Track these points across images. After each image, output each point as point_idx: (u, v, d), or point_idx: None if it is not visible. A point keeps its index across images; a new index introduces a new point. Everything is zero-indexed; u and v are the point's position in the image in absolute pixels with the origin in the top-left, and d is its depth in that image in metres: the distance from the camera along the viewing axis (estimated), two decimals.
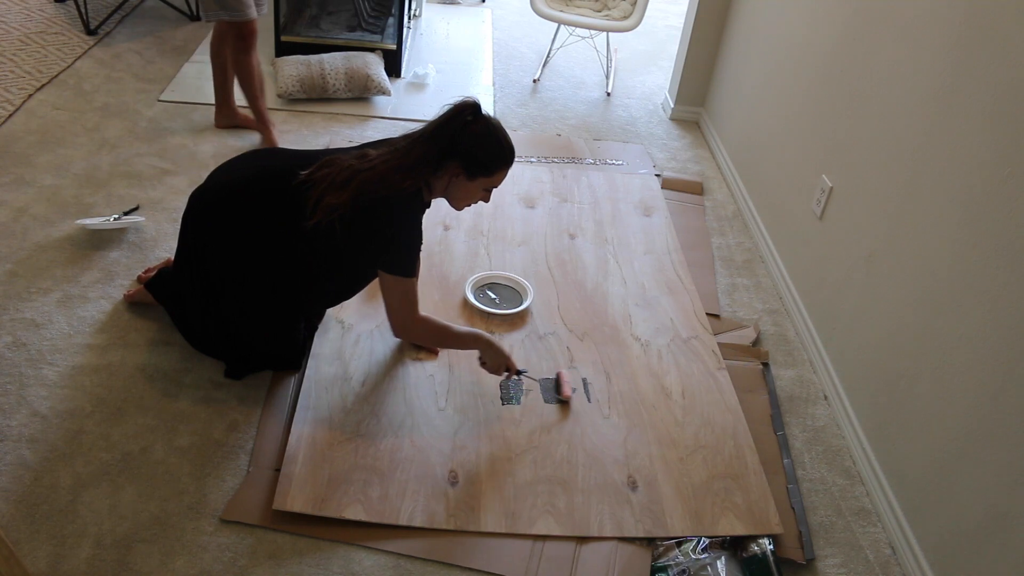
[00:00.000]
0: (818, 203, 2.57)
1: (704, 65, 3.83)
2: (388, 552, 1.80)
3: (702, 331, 2.53)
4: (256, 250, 1.98)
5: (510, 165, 1.98)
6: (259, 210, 1.96)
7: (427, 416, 2.12)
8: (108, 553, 1.72)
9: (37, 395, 2.06)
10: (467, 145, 1.90)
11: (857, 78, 2.42)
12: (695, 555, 1.85)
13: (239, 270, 2.01)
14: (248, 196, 1.98)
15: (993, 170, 1.76)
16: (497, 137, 1.93)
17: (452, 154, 1.90)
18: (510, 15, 5.06)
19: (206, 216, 2.02)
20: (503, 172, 1.97)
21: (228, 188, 2.01)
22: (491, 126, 1.93)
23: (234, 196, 1.99)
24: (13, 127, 3.18)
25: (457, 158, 1.90)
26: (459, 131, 1.89)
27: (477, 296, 2.54)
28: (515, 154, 1.97)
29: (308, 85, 3.59)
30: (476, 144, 1.91)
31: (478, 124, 1.90)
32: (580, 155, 3.50)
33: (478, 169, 1.93)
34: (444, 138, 1.89)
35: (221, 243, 1.99)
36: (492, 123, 1.94)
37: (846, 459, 2.20)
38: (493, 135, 1.93)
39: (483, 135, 1.91)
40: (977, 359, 1.76)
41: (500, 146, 1.93)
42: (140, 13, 4.34)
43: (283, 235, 1.94)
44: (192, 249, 2.05)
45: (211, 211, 2.01)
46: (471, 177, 1.94)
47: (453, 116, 1.90)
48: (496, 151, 1.93)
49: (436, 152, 1.89)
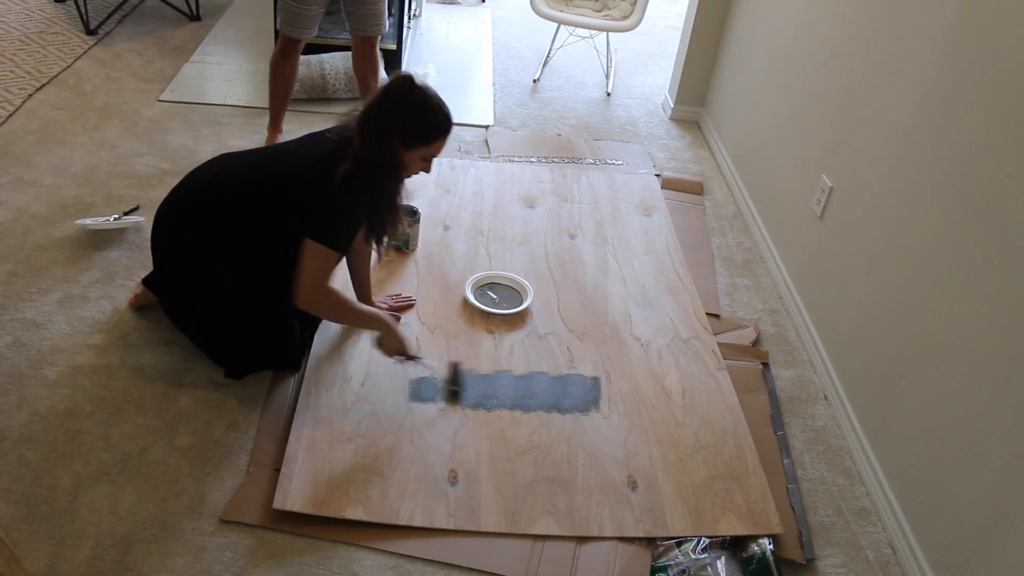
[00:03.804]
0: (818, 203, 2.57)
1: (704, 65, 3.83)
2: (388, 552, 1.80)
3: (702, 331, 2.53)
4: (228, 250, 2.02)
5: (448, 134, 1.99)
6: (221, 211, 2.02)
7: (427, 416, 2.11)
8: (108, 553, 1.72)
9: (37, 395, 2.06)
10: (404, 116, 1.91)
11: (857, 78, 2.42)
12: (695, 555, 1.85)
13: (218, 274, 2.04)
14: (208, 199, 2.04)
15: (993, 170, 1.76)
16: (433, 107, 1.95)
17: (392, 128, 1.92)
18: (510, 15, 5.06)
19: (174, 228, 2.07)
20: (441, 141, 1.99)
21: (188, 197, 2.07)
22: (427, 96, 1.94)
23: (197, 202, 2.05)
24: (13, 127, 3.18)
25: (397, 132, 1.92)
26: (397, 103, 1.91)
27: (477, 296, 2.54)
28: (452, 124, 1.99)
29: (308, 85, 3.59)
30: (413, 114, 1.92)
31: (414, 95, 1.92)
32: (580, 155, 3.50)
33: (415, 139, 1.94)
34: (383, 113, 1.91)
35: (195, 251, 2.04)
36: (428, 93, 1.95)
37: (846, 459, 2.20)
38: (430, 105, 1.94)
39: (420, 105, 1.93)
40: (977, 359, 1.76)
41: (436, 115, 1.95)
42: (140, 13, 4.34)
43: (251, 230, 1.99)
44: (168, 263, 2.10)
45: (177, 221, 2.06)
46: (408, 147, 1.95)
47: (388, 91, 1.92)
48: (433, 120, 1.95)
49: (375, 129, 1.91)
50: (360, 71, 3.21)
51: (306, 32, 2.97)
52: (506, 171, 3.29)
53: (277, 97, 3.14)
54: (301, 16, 2.90)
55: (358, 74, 3.23)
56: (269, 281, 2.04)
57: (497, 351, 2.35)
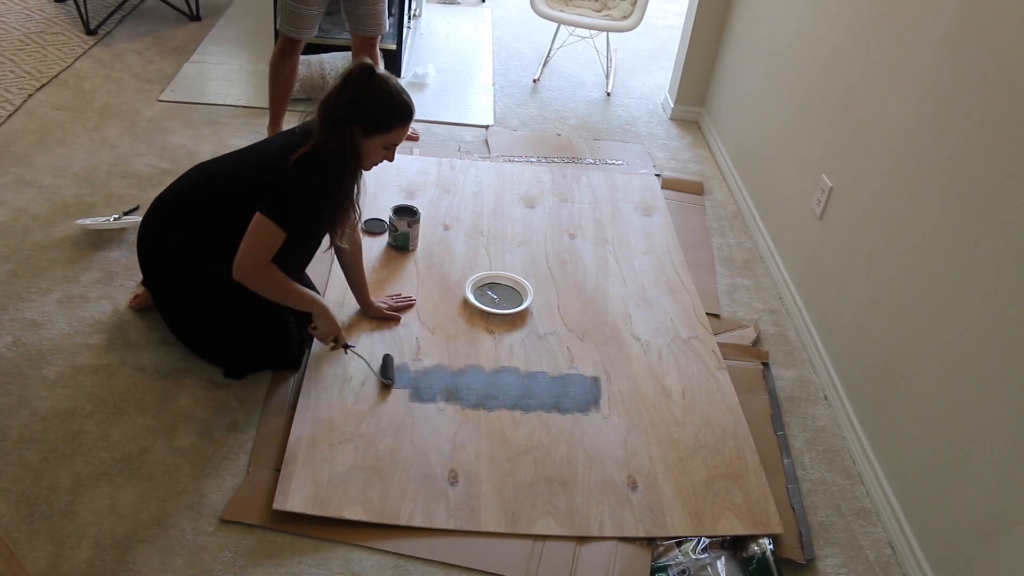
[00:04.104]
0: (818, 203, 2.57)
1: (704, 65, 3.83)
2: (388, 552, 1.80)
3: (702, 331, 2.53)
4: (215, 251, 2.01)
5: (408, 122, 2.00)
6: (204, 212, 2.05)
7: (427, 416, 2.11)
8: (108, 553, 1.72)
9: (37, 395, 2.06)
10: (363, 103, 1.92)
11: (857, 78, 2.42)
12: (695, 555, 1.85)
13: (207, 276, 2.04)
14: (191, 201, 2.08)
15: (993, 170, 1.76)
16: (392, 94, 1.95)
17: (351, 115, 1.92)
18: (510, 15, 5.06)
19: (160, 232, 2.09)
20: (401, 129, 1.99)
21: (171, 202, 2.11)
22: (387, 84, 1.95)
23: (181, 205, 2.09)
24: (13, 127, 3.18)
25: (357, 118, 1.93)
26: (355, 91, 1.92)
27: (477, 296, 2.54)
28: (413, 112, 1.99)
29: (308, 85, 3.59)
30: (372, 102, 1.93)
31: (374, 82, 1.93)
32: (580, 155, 3.50)
33: (375, 126, 1.95)
34: (341, 100, 1.91)
35: (183, 253, 2.06)
36: (389, 81, 1.96)
37: (846, 459, 2.20)
38: (389, 92, 1.95)
39: (379, 92, 1.94)
40: (977, 359, 1.76)
41: (396, 103, 1.96)
42: (140, 13, 4.34)
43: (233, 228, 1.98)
44: (157, 268, 2.12)
45: (163, 226, 2.09)
46: (368, 135, 1.96)
47: (347, 79, 1.93)
48: (392, 108, 1.95)
49: (333, 116, 1.92)
50: None
51: (306, 32, 2.96)
52: (506, 171, 3.29)
53: (277, 97, 3.14)
54: (301, 16, 2.90)
55: None
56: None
57: (497, 351, 2.35)
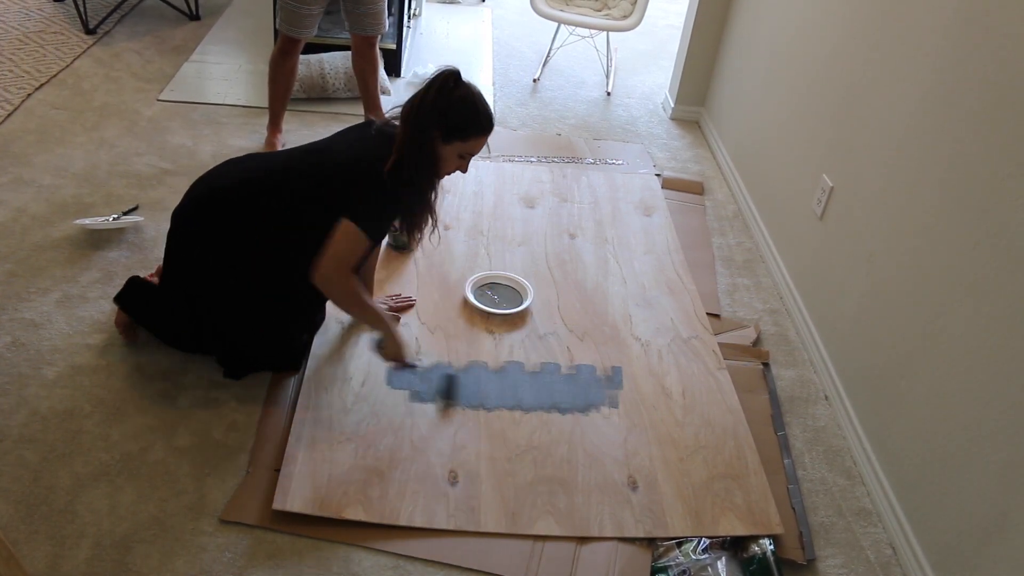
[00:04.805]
0: (819, 203, 2.57)
1: (704, 65, 3.83)
2: (388, 552, 1.80)
3: (702, 331, 2.53)
4: (251, 253, 2.01)
5: (487, 133, 1.99)
6: (249, 213, 2.01)
7: (427, 416, 2.11)
8: (107, 553, 1.72)
9: (37, 395, 2.06)
10: (446, 109, 1.92)
11: (857, 78, 2.42)
12: (695, 555, 1.85)
13: (236, 276, 2.03)
14: (235, 202, 2.02)
15: (994, 170, 1.76)
16: (475, 103, 1.95)
17: (432, 120, 1.92)
18: (510, 15, 5.06)
19: (196, 230, 2.05)
20: (480, 139, 1.98)
21: (213, 199, 2.05)
22: (471, 92, 1.95)
23: (221, 205, 2.03)
24: (12, 127, 3.17)
25: (437, 124, 1.93)
26: (440, 97, 1.91)
27: (477, 296, 2.54)
28: (493, 124, 1.99)
29: (308, 85, 3.59)
30: (454, 108, 1.93)
31: (459, 89, 1.93)
32: (580, 155, 3.50)
33: (454, 133, 1.94)
34: (426, 104, 1.91)
35: (215, 253, 2.03)
36: (472, 90, 1.96)
37: (847, 459, 2.20)
38: (471, 100, 1.95)
39: (462, 99, 1.93)
40: (977, 359, 1.75)
41: (477, 112, 1.95)
42: (139, 12, 4.33)
43: (277, 233, 1.98)
44: (185, 264, 2.08)
45: (200, 224, 2.05)
46: (447, 140, 1.95)
47: (433, 83, 1.92)
48: (473, 116, 1.95)
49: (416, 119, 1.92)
50: (360, 71, 3.20)
51: (306, 32, 2.96)
52: (506, 171, 3.29)
53: (277, 97, 3.14)
54: (301, 16, 2.90)
55: (358, 74, 3.23)
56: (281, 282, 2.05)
57: (497, 351, 2.35)
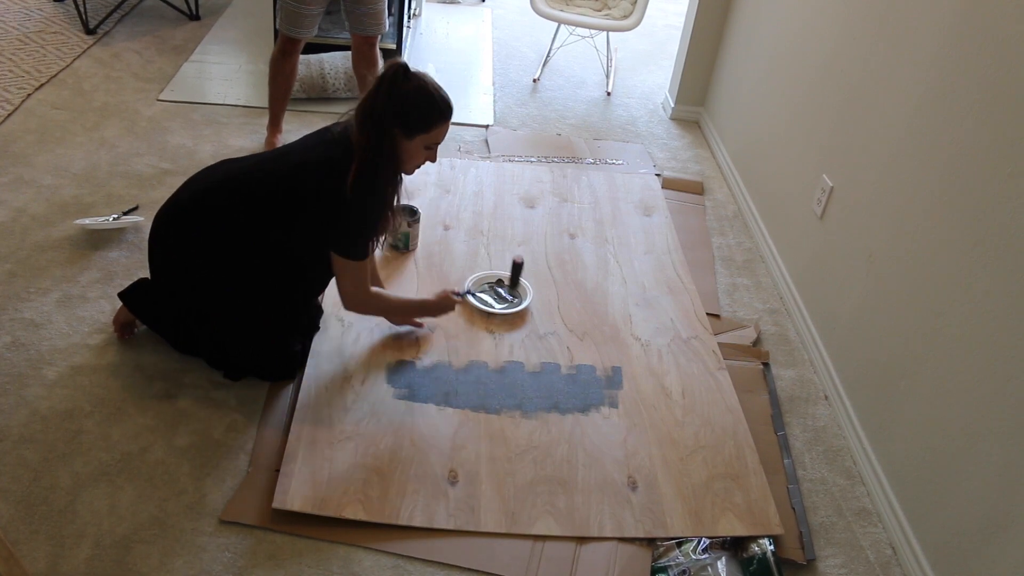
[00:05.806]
0: (818, 203, 2.57)
1: (704, 65, 3.83)
2: (388, 552, 1.80)
3: (702, 331, 2.53)
4: (223, 262, 1.98)
5: (448, 119, 1.97)
6: (208, 222, 1.98)
7: (427, 416, 2.11)
8: (107, 553, 1.72)
9: (36, 395, 2.06)
10: (402, 104, 1.89)
11: (857, 78, 2.42)
12: (695, 555, 1.85)
13: (222, 282, 2.01)
14: (193, 211, 2.00)
15: (993, 170, 1.76)
16: (430, 92, 1.92)
17: (391, 119, 1.90)
18: (510, 15, 5.06)
19: (179, 233, 2.01)
20: (442, 127, 1.96)
21: (193, 202, 2.01)
22: (424, 82, 1.92)
23: (202, 208, 2.00)
24: (12, 127, 3.17)
25: (395, 121, 1.90)
26: (392, 92, 1.88)
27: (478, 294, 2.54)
28: (452, 108, 1.96)
29: (308, 85, 3.59)
30: (410, 101, 1.90)
31: (411, 81, 1.90)
32: (580, 155, 3.50)
33: (415, 126, 1.92)
34: (379, 102, 1.88)
35: (199, 257, 1.99)
36: (425, 79, 1.93)
37: (847, 459, 2.20)
38: (426, 90, 1.92)
39: (416, 91, 1.90)
40: (977, 359, 1.75)
41: (434, 100, 1.92)
42: (139, 12, 4.33)
43: (256, 236, 1.97)
44: (169, 268, 2.05)
45: (182, 227, 2.01)
46: (409, 136, 1.93)
47: (383, 80, 1.89)
48: (431, 105, 1.92)
49: (372, 119, 1.89)
50: (360, 71, 3.20)
51: (306, 32, 2.96)
52: (506, 171, 3.29)
53: (277, 97, 3.14)
54: (301, 16, 2.90)
55: (358, 74, 3.23)
56: (272, 292, 2.04)
57: (497, 351, 2.35)
